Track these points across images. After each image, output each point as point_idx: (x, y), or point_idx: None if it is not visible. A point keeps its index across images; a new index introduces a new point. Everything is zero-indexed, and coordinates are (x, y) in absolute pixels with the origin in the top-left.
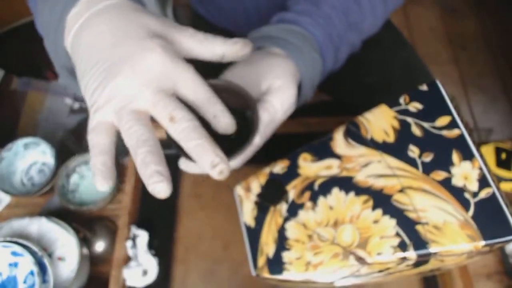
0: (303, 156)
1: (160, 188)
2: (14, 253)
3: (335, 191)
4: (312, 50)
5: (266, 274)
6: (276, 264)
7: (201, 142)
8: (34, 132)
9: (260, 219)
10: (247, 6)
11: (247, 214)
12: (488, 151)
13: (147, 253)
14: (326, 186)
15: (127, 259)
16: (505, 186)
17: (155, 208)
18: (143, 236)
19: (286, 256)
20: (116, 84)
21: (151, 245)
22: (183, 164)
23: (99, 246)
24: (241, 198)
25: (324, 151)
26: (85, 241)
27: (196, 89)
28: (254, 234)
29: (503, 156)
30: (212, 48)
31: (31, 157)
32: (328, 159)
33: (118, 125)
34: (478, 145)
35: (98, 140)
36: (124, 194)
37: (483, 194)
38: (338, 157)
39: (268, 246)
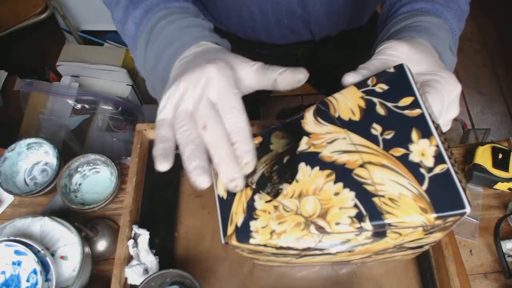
0: (275, 133)
1: (200, 180)
2: (17, 252)
3: (302, 165)
4: (448, 35)
5: (234, 242)
6: (243, 232)
7: (223, 154)
8: (36, 132)
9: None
10: (253, 10)
11: (221, 186)
12: (485, 151)
13: (148, 252)
14: (294, 161)
15: (128, 258)
16: (502, 186)
17: (156, 207)
18: (144, 235)
19: (253, 225)
20: (174, 87)
21: (152, 244)
22: None
23: (101, 245)
24: (216, 172)
25: (295, 129)
26: (87, 240)
27: (234, 119)
28: (226, 204)
29: (500, 156)
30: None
31: (34, 157)
32: (298, 136)
33: (174, 123)
34: (437, 126)
35: (160, 133)
36: (125, 194)
37: (438, 169)
38: (307, 134)
39: (237, 215)
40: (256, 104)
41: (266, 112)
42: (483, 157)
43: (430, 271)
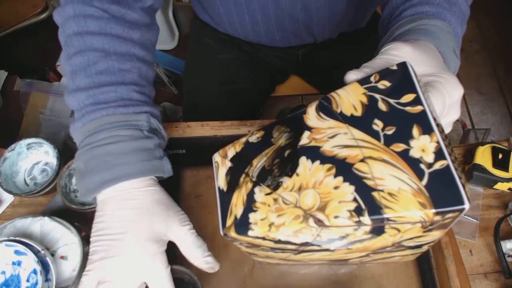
0: (277, 127)
1: None
2: (17, 252)
3: (303, 159)
4: (452, 38)
5: (232, 233)
6: (242, 224)
7: None
8: (37, 132)
9: (232, 183)
10: (255, 16)
11: (221, 178)
12: (485, 151)
13: None
14: (295, 155)
15: None
16: (502, 186)
17: None
18: None
19: (252, 217)
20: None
21: None
22: None
23: None
24: (218, 165)
25: (297, 124)
26: (87, 240)
27: None
28: (226, 197)
29: (500, 156)
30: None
31: (34, 157)
32: (300, 131)
33: None
34: (438, 124)
35: None
36: None
37: (438, 165)
38: (308, 128)
39: (237, 207)
40: (256, 104)
41: (266, 112)
42: (483, 157)
43: (430, 271)
